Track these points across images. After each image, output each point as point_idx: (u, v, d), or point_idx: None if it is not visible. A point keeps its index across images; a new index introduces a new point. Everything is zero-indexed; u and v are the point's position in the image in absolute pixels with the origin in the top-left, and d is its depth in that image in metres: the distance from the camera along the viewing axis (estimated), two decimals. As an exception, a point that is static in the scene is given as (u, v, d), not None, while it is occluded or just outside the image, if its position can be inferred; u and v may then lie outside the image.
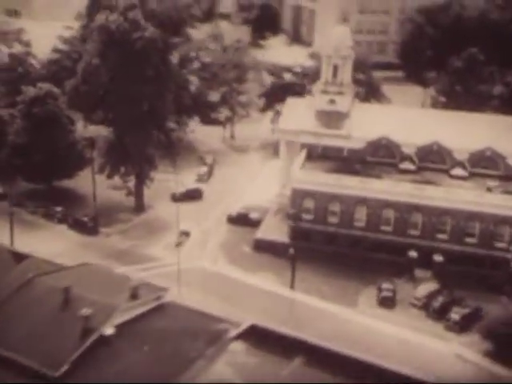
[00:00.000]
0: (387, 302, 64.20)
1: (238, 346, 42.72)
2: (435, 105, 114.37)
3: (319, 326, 59.56)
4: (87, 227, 75.74)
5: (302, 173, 75.13)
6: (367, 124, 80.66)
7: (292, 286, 66.00)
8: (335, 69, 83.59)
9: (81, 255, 69.99)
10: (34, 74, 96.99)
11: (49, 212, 78.35)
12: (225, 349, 42.14)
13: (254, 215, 79.74)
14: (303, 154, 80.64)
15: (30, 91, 79.20)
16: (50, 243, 72.62)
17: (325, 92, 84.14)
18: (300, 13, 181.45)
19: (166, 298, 46.47)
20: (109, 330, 40.09)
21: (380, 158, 79.76)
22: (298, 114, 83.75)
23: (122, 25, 66.05)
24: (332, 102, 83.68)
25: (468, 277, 68.34)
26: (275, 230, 75.84)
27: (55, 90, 78.82)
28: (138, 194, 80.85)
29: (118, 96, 70.75)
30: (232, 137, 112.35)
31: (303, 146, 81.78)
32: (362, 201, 72.83)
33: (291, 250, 72.31)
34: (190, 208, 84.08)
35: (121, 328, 40.92)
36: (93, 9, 67.45)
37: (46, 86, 79.07)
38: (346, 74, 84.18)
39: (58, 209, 78.23)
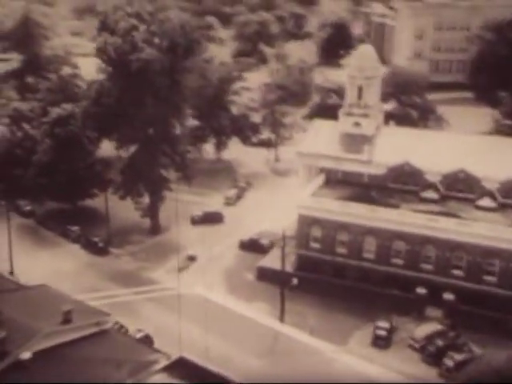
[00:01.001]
0: (380, 342, 60.79)
1: (161, 378, 42.24)
2: (499, 128, 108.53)
3: (300, 362, 57.66)
4: (98, 247, 77.93)
5: (309, 199, 73.31)
6: (392, 149, 77.59)
7: (282, 319, 64.30)
8: (360, 90, 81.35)
9: (83, 275, 72.77)
10: (80, 95, 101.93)
11: (66, 231, 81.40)
12: (146, 379, 41.78)
13: (265, 241, 78.69)
14: (319, 178, 79.03)
15: (54, 112, 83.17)
16: (58, 261, 75.62)
17: (349, 114, 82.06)
18: (383, 31, 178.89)
19: (106, 324, 46.89)
20: (26, 355, 40.82)
21: (402, 185, 76.39)
22: (320, 137, 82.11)
23: (120, 47, 68.11)
24: (356, 124, 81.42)
25: (482, 319, 63.61)
26: (280, 259, 74.21)
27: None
28: (153, 215, 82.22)
29: (125, 118, 72.71)
30: (276, 159, 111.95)
31: (322, 170, 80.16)
32: (371, 231, 69.85)
33: (294, 281, 71.06)
34: (207, 231, 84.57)
35: (42, 353, 41.61)
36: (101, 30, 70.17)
37: (68, 107, 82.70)
38: (373, 96, 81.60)
39: (74, 228, 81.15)
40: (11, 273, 69.93)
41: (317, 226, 72.44)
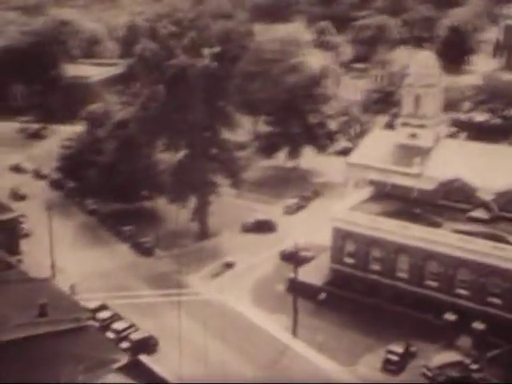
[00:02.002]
0: (390, 367, 58.65)
1: (113, 377, 44.53)
2: None
3: (300, 379, 57.40)
4: (144, 248, 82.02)
5: (344, 212, 72.22)
6: (448, 163, 74.63)
7: (294, 333, 64.08)
8: (417, 99, 78.74)
9: (120, 274, 77.02)
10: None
11: (119, 230, 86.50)
12: (99, 377, 44.27)
13: (305, 253, 78.41)
14: (365, 191, 77.59)
15: (118, 115, 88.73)
16: (103, 258, 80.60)
17: (405, 125, 79.76)
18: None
19: (84, 321, 50.02)
20: (-9, 343, 44.86)
21: (452, 202, 73.09)
22: (373, 148, 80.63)
23: (157, 53, 71.33)
24: (412, 136, 78.96)
25: (514, 355, 59.43)
26: (315, 272, 73.85)
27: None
28: (201, 220, 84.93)
29: (169, 122, 75.96)
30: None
31: (371, 182, 78.59)
32: (403, 249, 67.55)
33: (322, 295, 70.53)
34: (255, 239, 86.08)
35: (10, 343, 45.46)
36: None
37: (131, 110, 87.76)
38: (431, 105, 78.64)
39: (127, 228, 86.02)
40: (52, 266, 75.83)
41: (350, 241, 71.34)
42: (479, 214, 70.20)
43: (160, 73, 73.11)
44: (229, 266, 78.07)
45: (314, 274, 73.49)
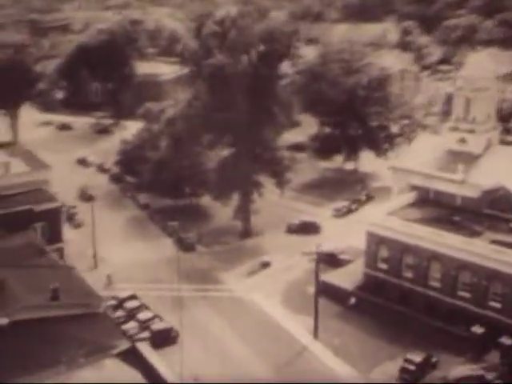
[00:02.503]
0: (405, 376, 57.69)
1: (111, 362, 46.75)
2: None
3: (310, 381, 57.71)
4: (186, 244, 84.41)
5: (379, 216, 71.44)
6: (497, 170, 72.18)
7: (315, 335, 64.23)
8: (467, 103, 76.64)
9: (158, 267, 79.64)
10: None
11: (165, 225, 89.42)
12: (97, 361, 46.63)
13: (343, 256, 78.23)
14: (407, 196, 76.42)
15: (168, 112, 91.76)
16: (146, 252, 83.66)
17: (454, 129, 77.84)
18: None
19: (96, 308, 52.59)
20: (3, 321, 48.19)
21: (497, 211, 70.74)
22: (419, 152, 79.18)
23: (196, 52, 73.03)
24: (461, 141, 76.95)
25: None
26: (348, 275, 73.50)
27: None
28: (245, 218, 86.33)
29: (212, 121, 77.80)
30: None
31: (414, 188, 77.28)
32: (436, 257, 66.09)
33: (352, 300, 70.25)
34: (298, 241, 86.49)
35: (19, 323, 48.62)
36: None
37: (180, 108, 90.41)
38: (483, 110, 76.30)
39: (172, 223, 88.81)
40: (94, 256, 79.65)
41: (384, 246, 70.53)
42: (521, 224, 67.73)
43: (200, 71, 75.30)
44: (265, 265, 79.06)
45: (346, 277, 73.26)
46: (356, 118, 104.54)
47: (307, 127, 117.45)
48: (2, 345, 47.04)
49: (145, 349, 47.96)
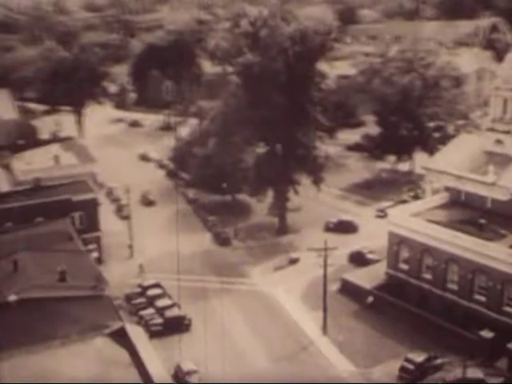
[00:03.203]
0: (404, 375, 58.20)
1: (101, 340, 50.87)
2: None
3: (308, 375, 59.49)
4: (223, 238, 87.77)
5: (400, 217, 71.70)
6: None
7: (324, 331, 65.71)
8: (505, 103, 75.35)
9: (192, 260, 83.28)
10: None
11: (205, 220, 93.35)
12: (88, 338, 50.88)
13: (371, 256, 78.89)
14: (438, 197, 76.18)
15: (213, 109, 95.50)
16: (183, 244, 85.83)
17: (492, 130, 76.74)
18: None
19: (101, 291, 56.90)
20: (12, 298, 53.30)
21: (525, 215, 69.40)
22: (455, 153, 78.59)
23: (226, 51, 75.71)
24: (498, 142, 75.76)
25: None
26: (370, 275, 74.18)
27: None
28: (281, 216, 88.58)
29: (246, 118, 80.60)
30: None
31: (447, 189, 76.87)
32: (453, 259, 65.77)
33: (369, 299, 71.15)
34: (333, 239, 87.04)
35: (26, 301, 53.58)
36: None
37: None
38: (520, 110, 74.82)
39: (211, 218, 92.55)
40: (130, 246, 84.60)
41: (405, 247, 70.80)
42: (546, 230, 66.17)
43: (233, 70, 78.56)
44: (293, 261, 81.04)
45: (369, 277, 74.03)
46: (410, 118, 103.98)
47: (372, 127, 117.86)
48: (9, 319, 52.31)
49: (135, 332, 51.78)
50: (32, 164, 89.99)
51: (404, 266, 71.10)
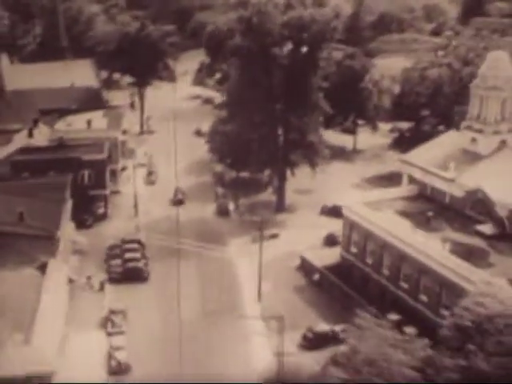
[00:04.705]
0: (303, 342, 64.77)
1: (28, 271, 62.09)
2: None
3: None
4: (224, 210, 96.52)
5: (351, 200, 76.59)
6: (494, 174, 73.12)
7: (259, 299, 72.86)
8: (481, 102, 77.39)
9: (187, 225, 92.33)
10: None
11: (217, 192, 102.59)
12: (20, 268, 62.40)
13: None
14: (403, 189, 79.99)
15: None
16: (189, 211, 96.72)
17: (468, 128, 79.14)
18: None
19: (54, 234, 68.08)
20: None
21: (476, 213, 72.00)
22: (434, 148, 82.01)
23: (216, 34, 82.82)
24: (473, 140, 78.19)
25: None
26: (328, 255, 79.57)
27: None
28: (279, 194, 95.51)
29: (243, 98, 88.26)
30: None
31: (415, 181, 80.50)
32: (386, 246, 70.12)
33: (315, 276, 77.17)
34: (325, 222, 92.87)
35: None
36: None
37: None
38: (495, 111, 76.54)
39: (221, 190, 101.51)
40: (135, 206, 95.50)
41: (355, 231, 75.70)
42: (485, 228, 68.56)
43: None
44: (273, 236, 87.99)
45: (326, 256, 79.68)
46: (437, 114, 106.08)
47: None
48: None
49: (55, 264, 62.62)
50: (70, 125, 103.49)
51: (354, 250, 76.13)
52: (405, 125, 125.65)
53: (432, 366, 46.94)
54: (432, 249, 64.38)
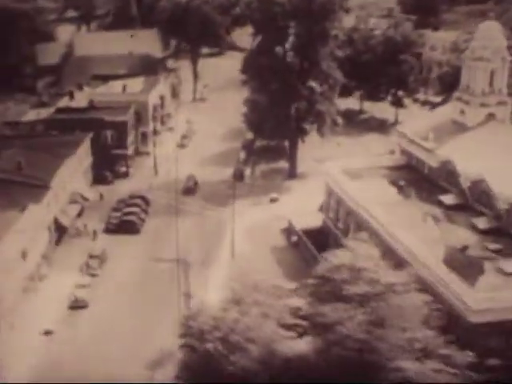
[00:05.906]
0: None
1: (13, 215, 71.14)
2: None
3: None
4: (238, 174, 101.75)
5: (331, 168, 79.46)
6: (473, 146, 73.94)
7: (232, 256, 78.26)
8: (470, 73, 77.63)
9: (201, 186, 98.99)
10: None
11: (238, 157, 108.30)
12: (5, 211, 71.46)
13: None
14: (388, 158, 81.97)
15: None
16: (208, 174, 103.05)
17: (458, 99, 79.71)
18: None
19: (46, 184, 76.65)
20: None
21: (447, 184, 73.29)
22: (428, 120, 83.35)
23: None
24: (462, 112, 78.79)
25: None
26: (313, 220, 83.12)
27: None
28: (291, 161, 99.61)
29: (257, 65, 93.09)
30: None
31: (403, 152, 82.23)
32: (349, 212, 73.12)
33: (294, 238, 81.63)
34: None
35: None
36: None
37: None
38: (481, 82, 76.52)
39: (241, 156, 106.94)
40: (154, 166, 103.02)
41: (332, 197, 78.91)
42: (446, 198, 69.92)
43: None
44: (272, 200, 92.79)
45: (311, 221, 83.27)
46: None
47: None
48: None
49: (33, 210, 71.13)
50: (109, 89, 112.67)
51: (331, 215, 79.50)
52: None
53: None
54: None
